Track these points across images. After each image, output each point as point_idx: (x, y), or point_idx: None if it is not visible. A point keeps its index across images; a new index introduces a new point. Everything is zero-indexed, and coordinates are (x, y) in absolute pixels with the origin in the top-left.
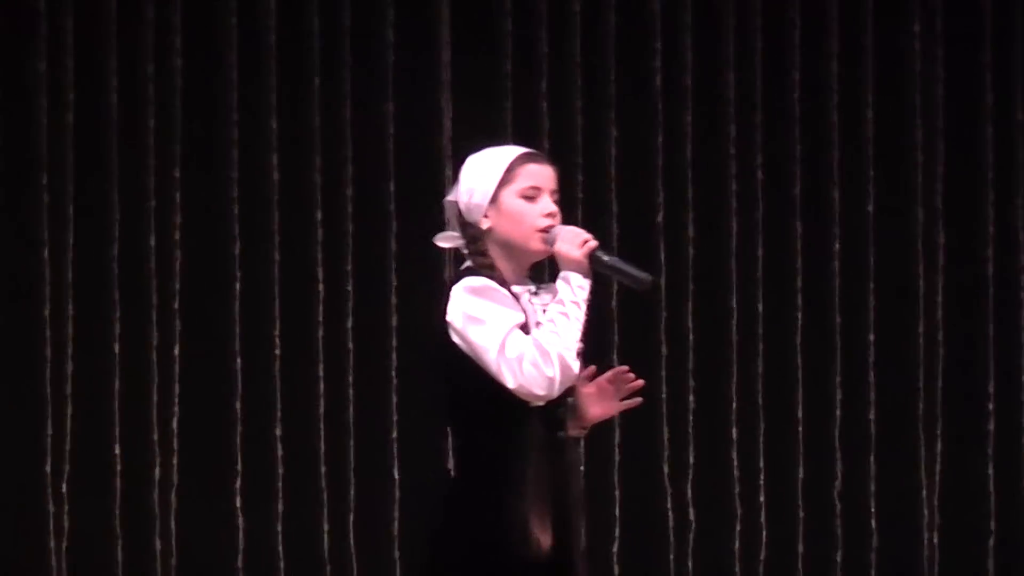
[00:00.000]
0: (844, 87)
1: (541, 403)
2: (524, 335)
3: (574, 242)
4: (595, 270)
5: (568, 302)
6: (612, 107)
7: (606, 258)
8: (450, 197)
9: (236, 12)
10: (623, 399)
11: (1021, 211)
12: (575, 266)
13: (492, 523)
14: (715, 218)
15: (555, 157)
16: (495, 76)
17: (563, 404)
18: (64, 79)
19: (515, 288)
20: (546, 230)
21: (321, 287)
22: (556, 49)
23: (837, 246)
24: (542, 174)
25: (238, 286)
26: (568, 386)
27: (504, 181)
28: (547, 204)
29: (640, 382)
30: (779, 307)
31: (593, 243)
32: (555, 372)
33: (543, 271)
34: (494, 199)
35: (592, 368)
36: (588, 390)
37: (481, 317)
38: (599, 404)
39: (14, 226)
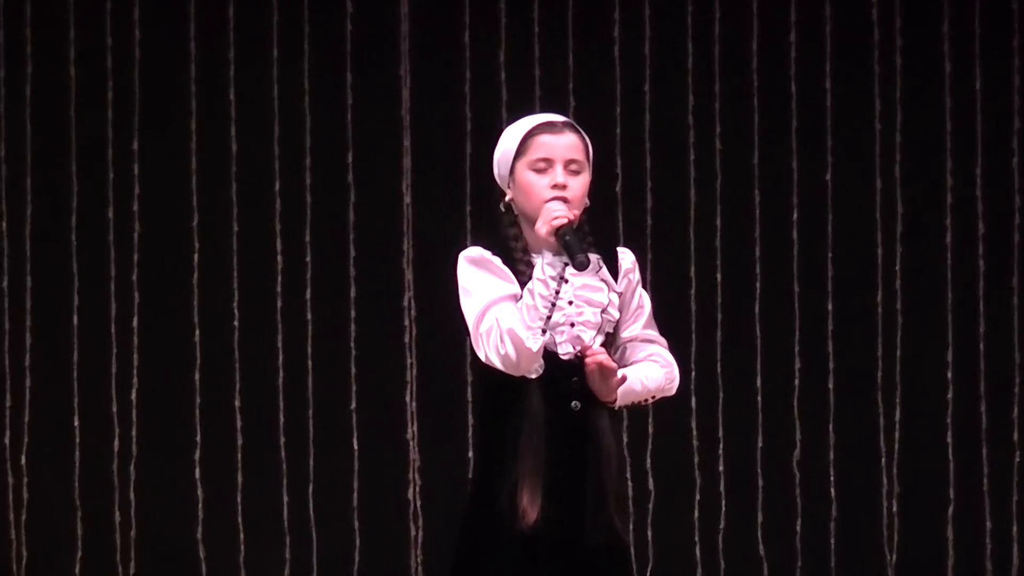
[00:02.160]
0: (802, 57)
1: (532, 375)
2: (503, 309)
3: (546, 219)
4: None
5: (536, 280)
6: (570, 78)
7: (566, 237)
8: None
9: None
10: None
11: (979, 180)
12: (545, 243)
13: (486, 491)
14: (673, 188)
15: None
16: (454, 47)
17: (577, 374)
18: (22, 51)
19: (537, 257)
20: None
21: (280, 258)
22: (515, 20)
23: (795, 215)
24: (555, 145)
25: (196, 258)
26: (532, 362)
27: (518, 153)
28: (556, 176)
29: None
30: (737, 276)
31: (558, 221)
32: (508, 349)
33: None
34: (512, 171)
35: (585, 345)
36: (589, 368)
37: (468, 288)
38: (601, 382)
39: None
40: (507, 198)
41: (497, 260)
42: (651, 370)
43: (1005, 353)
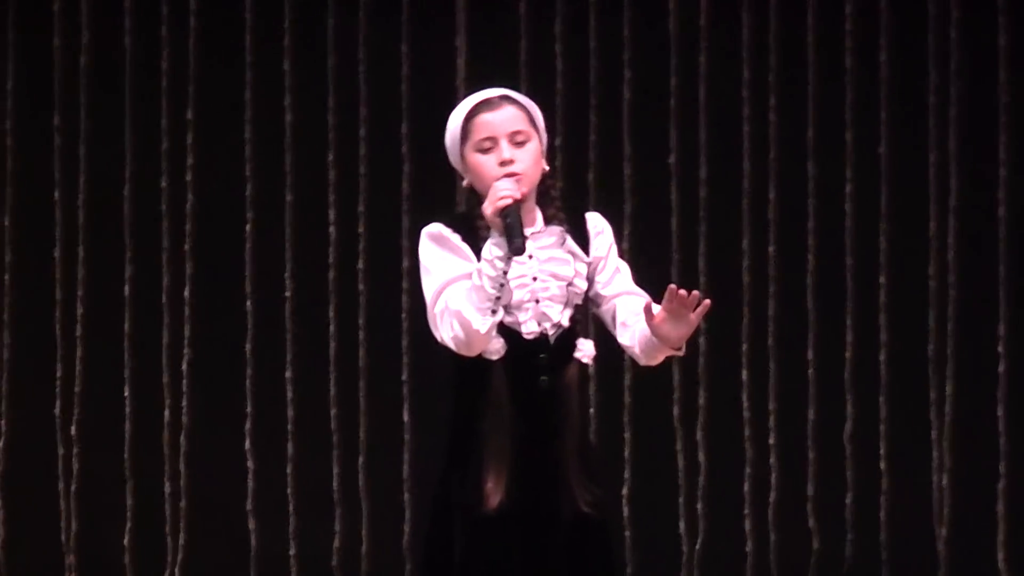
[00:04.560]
0: (858, 29)
1: (492, 356)
2: (455, 290)
3: (492, 200)
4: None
5: (484, 260)
6: (626, 48)
7: (507, 220)
8: None
9: None
10: (695, 309)
11: None
12: (492, 224)
13: (453, 474)
14: (727, 160)
15: (568, 99)
16: (509, 17)
17: (545, 351)
18: (78, 21)
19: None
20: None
21: (332, 228)
22: None
23: (849, 188)
24: (494, 120)
25: (248, 228)
26: (483, 343)
27: (463, 138)
28: (501, 152)
29: (696, 293)
30: (790, 248)
31: (502, 202)
32: (457, 330)
33: None
34: (462, 156)
35: (648, 301)
36: (659, 319)
37: (427, 266)
38: (676, 325)
39: (26, 167)
40: (465, 183)
41: (456, 237)
42: None
43: None
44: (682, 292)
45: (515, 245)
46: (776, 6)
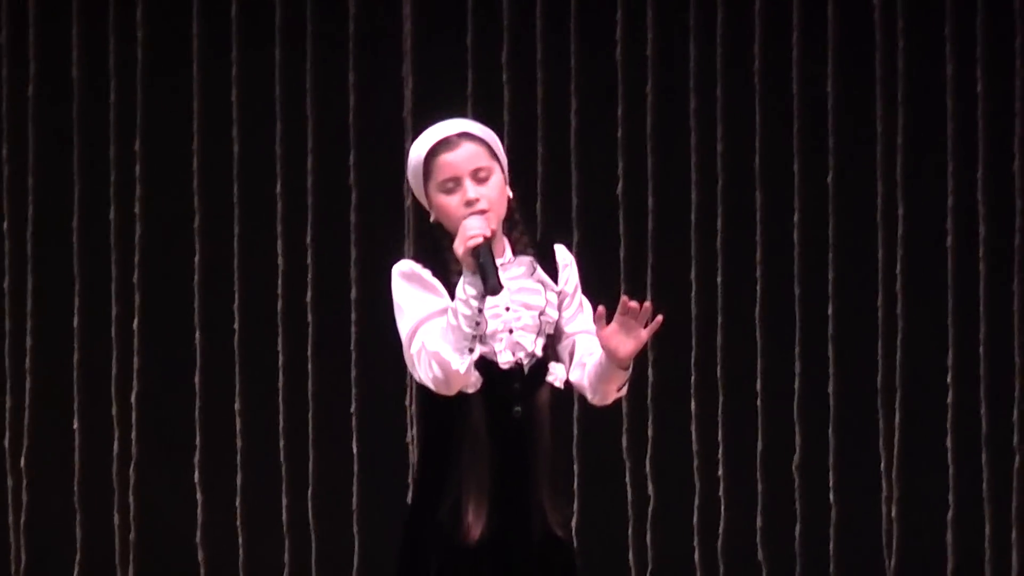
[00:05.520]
0: (804, 59)
1: (469, 390)
2: (431, 330)
3: (462, 239)
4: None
5: (458, 300)
6: (572, 78)
7: (480, 260)
8: None
9: None
10: (646, 325)
11: (981, 183)
12: (464, 263)
13: (429, 502)
14: (675, 189)
15: (516, 128)
16: (457, 47)
17: (518, 380)
18: (26, 51)
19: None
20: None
21: (280, 260)
22: (517, 21)
23: (796, 217)
24: (455, 161)
25: (197, 258)
26: (462, 383)
27: (427, 178)
28: (466, 192)
29: (647, 304)
30: (738, 279)
31: (473, 242)
32: (436, 372)
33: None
34: (427, 194)
35: (602, 309)
36: (609, 331)
37: (401, 304)
38: (626, 340)
39: None
40: (432, 218)
41: (427, 273)
42: None
43: (1005, 357)
44: (633, 304)
45: (490, 285)
46: (723, 36)
